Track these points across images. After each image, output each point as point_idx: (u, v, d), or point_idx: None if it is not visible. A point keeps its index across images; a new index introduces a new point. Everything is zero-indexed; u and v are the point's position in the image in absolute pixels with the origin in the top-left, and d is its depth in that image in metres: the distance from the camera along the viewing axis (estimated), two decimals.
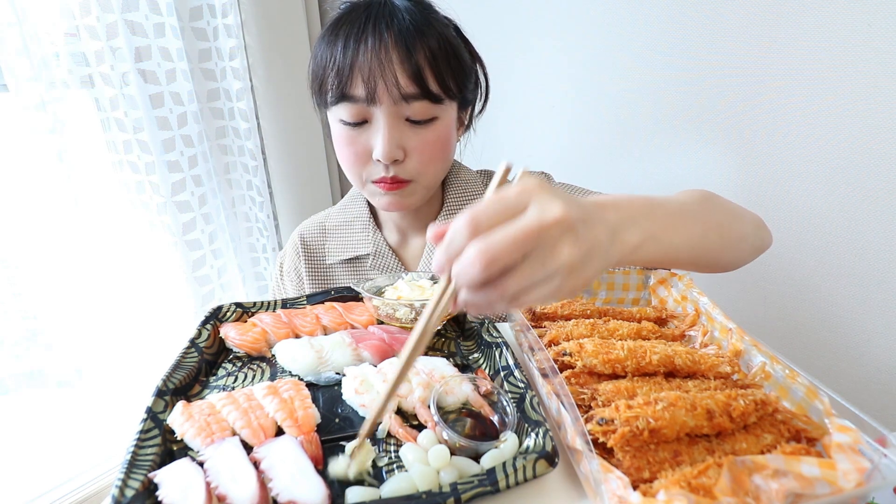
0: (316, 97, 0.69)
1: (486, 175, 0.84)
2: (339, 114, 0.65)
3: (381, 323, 0.59)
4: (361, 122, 0.65)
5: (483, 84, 0.75)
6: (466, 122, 0.76)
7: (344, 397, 0.46)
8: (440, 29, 0.64)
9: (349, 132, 0.66)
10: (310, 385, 0.48)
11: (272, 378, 0.51)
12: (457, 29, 0.70)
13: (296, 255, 0.85)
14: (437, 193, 0.80)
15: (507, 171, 0.36)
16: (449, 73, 0.64)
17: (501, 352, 0.50)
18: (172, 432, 0.41)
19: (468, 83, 0.70)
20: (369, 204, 0.83)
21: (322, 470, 0.38)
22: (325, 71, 0.64)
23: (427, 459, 0.37)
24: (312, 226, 0.86)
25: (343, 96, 0.63)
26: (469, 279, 0.31)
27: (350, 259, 0.82)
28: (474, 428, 0.42)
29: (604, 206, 0.39)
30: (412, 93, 0.62)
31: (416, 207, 0.75)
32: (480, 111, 0.77)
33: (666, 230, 0.44)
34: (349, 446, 0.39)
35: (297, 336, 0.56)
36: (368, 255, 0.80)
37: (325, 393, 0.48)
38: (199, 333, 0.54)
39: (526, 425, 0.41)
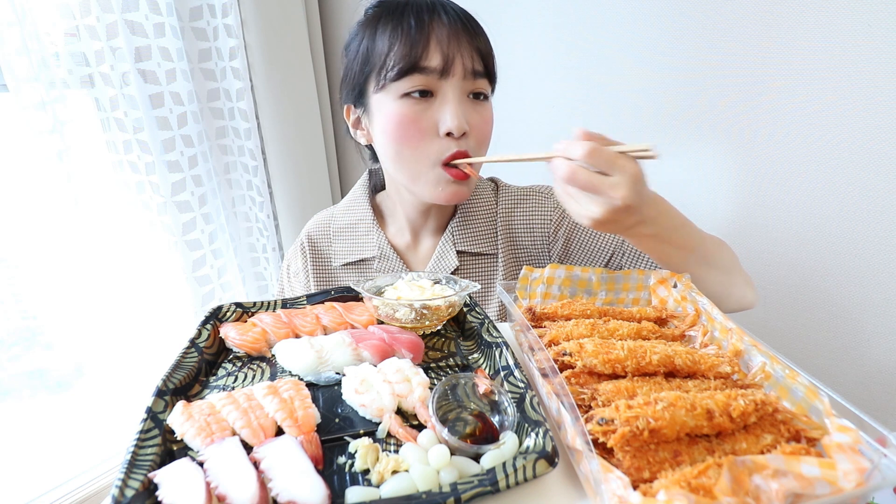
0: (358, 87, 0.69)
1: (493, 182, 0.84)
2: (401, 88, 0.64)
3: (381, 323, 0.59)
4: (426, 95, 0.65)
5: None
6: None
7: (344, 397, 0.46)
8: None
9: (413, 108, 0.65)
10: (310, 385, 0.48)
11: (272, 378, 0.51)
12: None
13: (303, 258, 0.86)
14: None
15: (644, 150, 0.49)
16: (493, 60, 0.69)
17: (501, 352, 0.50)
18: (172, 432, 0.41)
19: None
20: (372, 206, 0.83)
21: (322, 470, 0.38)
22: (388, 50, 0.64)
23: (427, 459, 0.37)
24: (318, 228, 0.86)
25: (415, 67, 0.63)
26: (561, 172, 0.49)
27: (355, 262, 0.82)
28: (474, 428, 0.42)
29: (652, 203, 0.54)
30: (479, 69, 0.66)
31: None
32: None
33: (673, 232, 0.59)
34: None
35: (297, 336, 0.56)
36: (374, 257, 0.80)
37: (325, 393, 0.48)
38: (199, 333, 0.54)
39: (526, 425, 0.41)
